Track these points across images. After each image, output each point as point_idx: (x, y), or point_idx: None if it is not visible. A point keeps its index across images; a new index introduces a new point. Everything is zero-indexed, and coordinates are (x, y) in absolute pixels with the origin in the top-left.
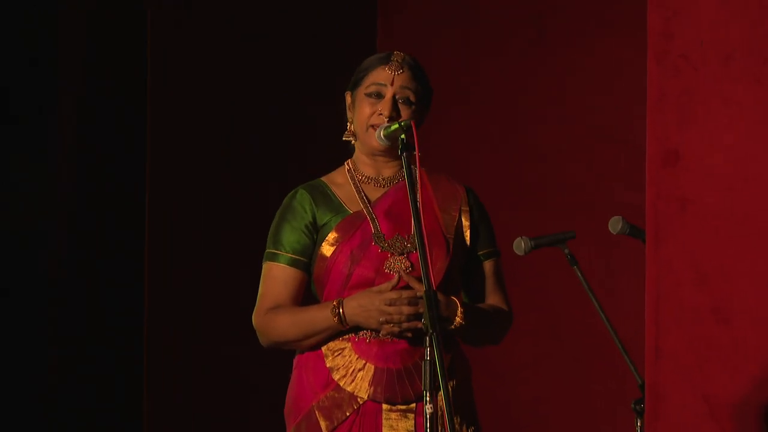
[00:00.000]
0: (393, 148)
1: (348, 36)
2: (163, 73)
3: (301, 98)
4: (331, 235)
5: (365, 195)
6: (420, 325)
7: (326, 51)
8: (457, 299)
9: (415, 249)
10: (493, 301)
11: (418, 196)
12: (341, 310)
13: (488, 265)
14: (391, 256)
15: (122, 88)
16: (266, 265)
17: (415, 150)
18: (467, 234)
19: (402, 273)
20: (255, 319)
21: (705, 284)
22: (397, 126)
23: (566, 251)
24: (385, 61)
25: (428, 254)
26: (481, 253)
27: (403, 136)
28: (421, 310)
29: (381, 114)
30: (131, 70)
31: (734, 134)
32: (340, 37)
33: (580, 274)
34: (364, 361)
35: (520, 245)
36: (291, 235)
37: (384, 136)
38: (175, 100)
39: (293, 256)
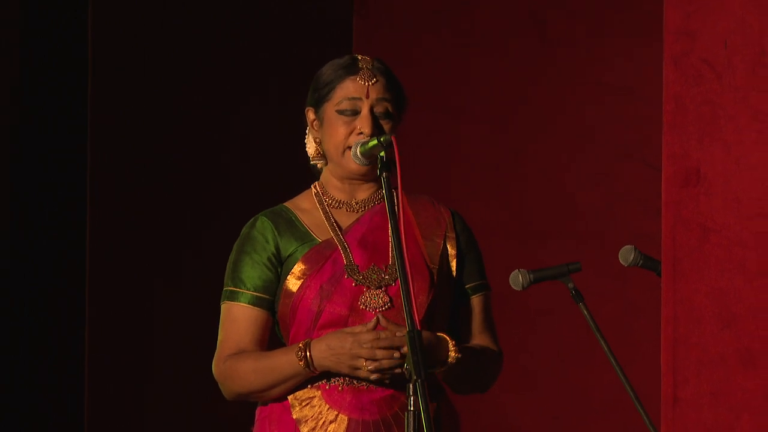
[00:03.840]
0: (371, 169)
1: (317, 37)
2: (106, 68)
3: (266, 104)
4: (297, 268)
5: (336, 221)
6: (399, 371)
7: (287, 42)
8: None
9: (394, 281)
10: (482, 342)
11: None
12: (308, 353)
13: (476, 301)
14: (366, 290)
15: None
16: (225, 306)
17: (396, 169)
18: (453, 264)
19: (381, 317)
20: (215, 368)
21: (731, 325)
22: (375, 142)
23: (571, 286)
24: (353, 70)
25: (411, 287)
26: (469, 286)
27: (382, 153)
28: (396, 356)
29: (360, 133)
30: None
31: (764, 152)
32: (308, 36)
33: (586, 313)
34: (336, 412)
35: (517, 279)
36: (252, 270)
37: (360, 154)
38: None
39: (255, 293)
